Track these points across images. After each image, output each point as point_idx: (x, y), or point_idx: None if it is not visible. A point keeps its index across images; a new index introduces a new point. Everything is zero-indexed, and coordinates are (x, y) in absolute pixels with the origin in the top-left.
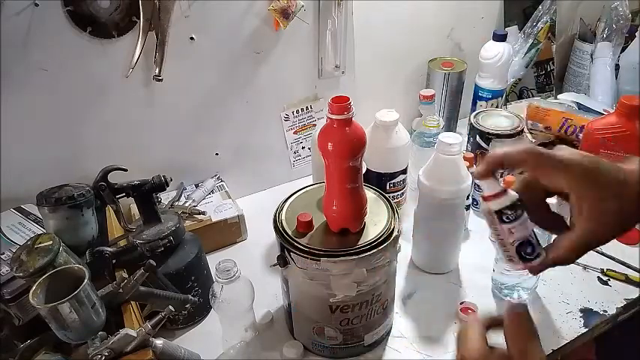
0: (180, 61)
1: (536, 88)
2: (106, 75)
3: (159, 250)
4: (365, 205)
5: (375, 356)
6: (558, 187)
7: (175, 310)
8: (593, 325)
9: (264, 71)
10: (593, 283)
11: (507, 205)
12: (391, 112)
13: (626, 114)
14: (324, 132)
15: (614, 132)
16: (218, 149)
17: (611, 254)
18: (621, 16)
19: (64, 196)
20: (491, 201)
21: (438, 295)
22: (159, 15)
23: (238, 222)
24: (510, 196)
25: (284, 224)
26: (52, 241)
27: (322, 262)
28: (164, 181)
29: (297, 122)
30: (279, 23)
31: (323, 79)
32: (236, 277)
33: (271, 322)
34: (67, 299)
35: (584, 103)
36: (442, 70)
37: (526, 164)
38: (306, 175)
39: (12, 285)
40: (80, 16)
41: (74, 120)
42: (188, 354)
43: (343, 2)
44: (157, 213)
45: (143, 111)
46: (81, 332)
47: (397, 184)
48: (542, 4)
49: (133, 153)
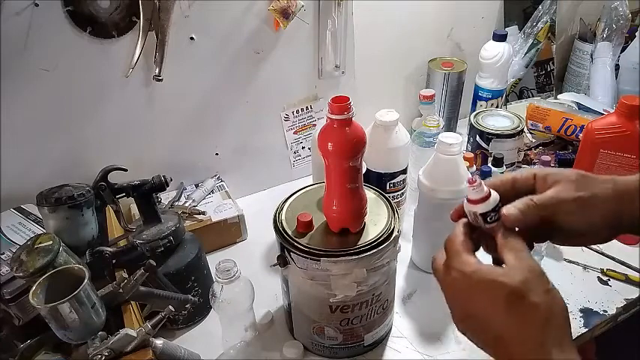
0: (180, 61)
1: (536, 88)
2: (106, 75)
3: (159, 250)
4: (365, 205)
5: (375, 356)
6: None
7: (175, 310)
8: (593, 325)
9: (264, 71)
10: (593, 283)
11: (491, 209)
12: (391, 112)
13: (626, 114)
14: (324, 132)
15: (614, 132)
16: (218, 149)
17: (611, 254)
18: (621, 16)
19: (64, 196)
20: (478, 205)
21: (438, 295)
22: (159, 15)
23: (238, 222)
24: (494, 198)
25: (284, 224)
26: (52, 241)
27: (322, 262)
28: (164, 181)
29: (297, 122)
30: (279, 23)
31: (323, 79)
32: (236, 277)
33: (271, 322)
34: (67, 299)
35: (584, 103)
36: (442, 70)
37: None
38: (306, 175)
39: (12, 285)
40: (80, 16)
41: (74, 120)
42: (188, 354)
43: (343, 2)
44: (157, 213)
45: (143, 111)
46: (81, 332)
47: (397, 184)
48: (542, 4)
49: (132, 153)
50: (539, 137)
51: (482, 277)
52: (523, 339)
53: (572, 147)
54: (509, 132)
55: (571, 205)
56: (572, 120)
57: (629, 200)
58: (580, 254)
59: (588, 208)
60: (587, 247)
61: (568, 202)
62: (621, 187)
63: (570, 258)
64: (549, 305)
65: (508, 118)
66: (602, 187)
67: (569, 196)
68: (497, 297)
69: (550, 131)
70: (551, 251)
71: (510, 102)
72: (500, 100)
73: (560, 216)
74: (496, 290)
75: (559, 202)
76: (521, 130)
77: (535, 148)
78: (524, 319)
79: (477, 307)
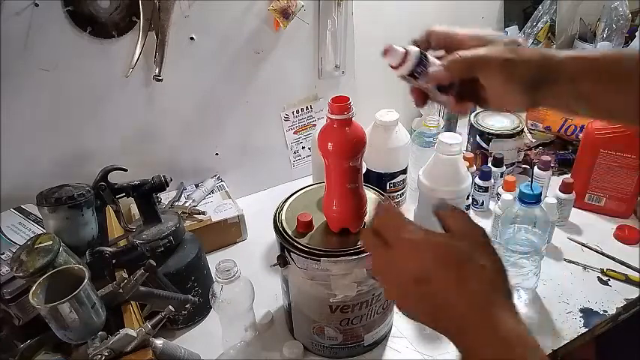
0: (181, 61)
1: None
2: (106, 75)
3: (159, 250)
4: (365, 205)
5: (375, 356)
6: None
7: (175, 310)
8: (593, 325)
9: (264, 71)
10: (593, 283)
11: (415, 64)
12: (391, 112)
13: None
14: (324, 132)
15: (614, 132)
16: (218, 149)
17: (611, 254)
18: (621, 16)
19: (64, 196)
20: (400, 68)
21: None
22: (159, 15)
23: (238, 222)
24: (413, 54)
25: (284, 224)
26: (52, 241)
27: (322, 262)
28: (164, 181)
29: (297, 122)
30: (279, 23)
31: (323, 79)
32: (236, 277)
33: (271, 322)
34: (67, 299)
35: None
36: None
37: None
38: (306, 175)
39: (12, 285)
40: (80, 16)
41: (74, 120)
42: (188, 354)
43: (343, 2)
44: (157, 213)
45: (143, 111)
46: (81, 332)
47: (397, 184)
48: (542, 4)
49: (133, 153)
50: (539, 137)
51: (434, 241)
52: (470, 299)
53: (572, 147)
54: (509, 132)
55: (497, 65)
56: (572, 120)
57: (553, 69)
58: (580, 254)
59: (512, 70)
60: (587, 247)
61: (496, 61)
62: (547, 57)
63: (570, 258)
64: (494, 267)
65: (508, 118)
66: (529, 54)
67: (498, 56)
68: (448, 258)
69: (550, 131)
70: (552, 251)
71: None
72: None
73: (485, 74)
74: (448, 252)
75: (487, 60)
76: (521, 130)
77: (535, 148)
78: (472, 279)
79: (428, 270)
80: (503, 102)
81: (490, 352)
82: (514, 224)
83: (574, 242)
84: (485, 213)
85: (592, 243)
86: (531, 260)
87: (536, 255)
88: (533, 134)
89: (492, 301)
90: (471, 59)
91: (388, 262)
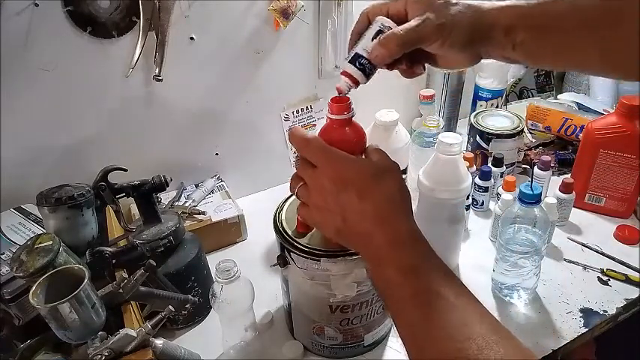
0: (180, 61)
1: (536, 88)
2: (106, 75)
3: (159, 250)
4: None
5: (375, 356)
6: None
7: (175, 310)
8: (593, 325)
9: (264, 71)
10: (593, 283)
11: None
12: (391, 112)
13: (626, 114)
14: (324, 132)
15: (614, 132)
16: (218, 149)
17: (611, 254)
18: None
19: (64, 196)
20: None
21: None
22: (159, 15)
23: (238, 222)
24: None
25: (284, 224)
26: (52, 241)
27: (322, 262)
28: (164, 181)
29: (297, 122)
30: (279, 23)
31: (323, 79)
32: (236, 277)
33: (271, 322)
34: (67, 299)
35: (584, 103)
36: (442, 70)
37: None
38: None
39: (12, 285)
40: (80, 16)
41: (74, 120)
42: (188, 354)
43: (343, 2)
44: (157, 213)
45: (143, 111)
46: (81, 332)
47: None
48: None
49: (133, 153)
50: (539, 137)
51: (359, 159)
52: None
53: (572, 147)
54: (509, 132)
55: (431, 34)
56: (572, 120)
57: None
58: (580, 254)
59: (447, 35)
60: (587, 247)
61: (429, 30)
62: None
63: (570, 258)
64: (404, 186)
65: (508, 118)
66: (460, 15)
67: (430, 24)
68: (369, 171)
69: (550, 131)
70: (551, 251)
71: (510, 102)
72: (501, 100)
73: (422, 44)
74: (371, 167)
75: (420, 32)
76: (521, 130)
77: (535, 148)
78: (386, 189)
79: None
80: (448, 63)
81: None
82: (514, 224)
83: (574, 242)
84: (486, 213)
85: (592, 243)
86: (531, 260)
87: (536, 255)
88: (533, 134)
89: (394, 211)
90: (404, 36)
91: (312, 177)
